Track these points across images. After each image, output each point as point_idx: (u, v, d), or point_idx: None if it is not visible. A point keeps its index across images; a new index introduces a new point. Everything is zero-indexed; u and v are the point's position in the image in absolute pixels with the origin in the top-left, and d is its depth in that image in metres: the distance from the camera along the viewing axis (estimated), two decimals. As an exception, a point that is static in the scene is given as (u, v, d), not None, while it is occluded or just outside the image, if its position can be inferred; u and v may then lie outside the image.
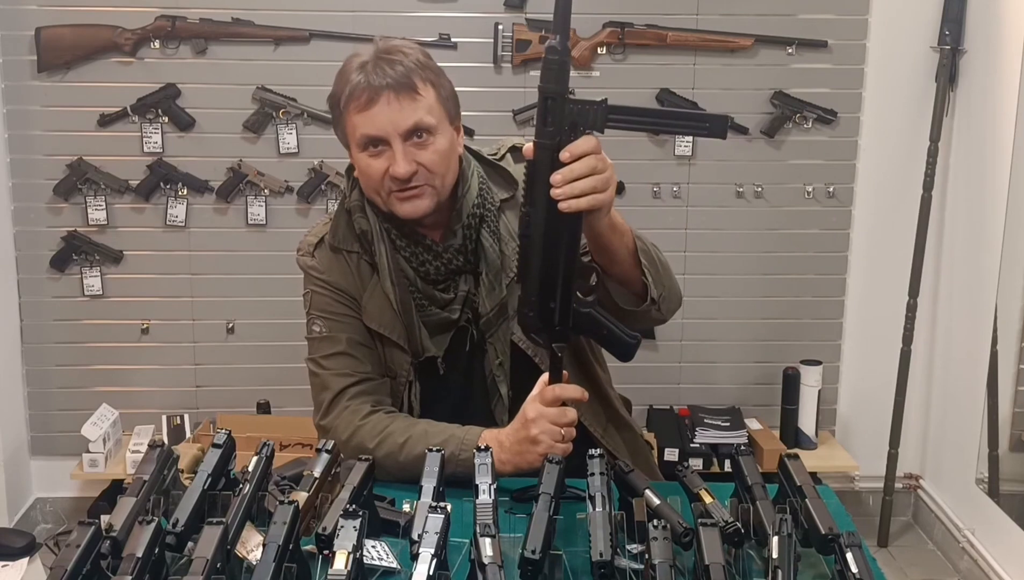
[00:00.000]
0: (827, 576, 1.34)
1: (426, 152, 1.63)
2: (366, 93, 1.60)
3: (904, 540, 3.57)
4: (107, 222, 3.35)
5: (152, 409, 3.44)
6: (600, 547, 1.24)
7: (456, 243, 1.71)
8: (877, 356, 3.52)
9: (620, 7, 3.25)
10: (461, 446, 1.62)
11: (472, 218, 1.71)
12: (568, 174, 1.44)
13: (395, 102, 1.60)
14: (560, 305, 1.52)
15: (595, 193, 1.46)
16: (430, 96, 1.63)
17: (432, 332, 1.75)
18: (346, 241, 1.75)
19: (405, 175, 1.61)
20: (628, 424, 1.89)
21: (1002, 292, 3.07)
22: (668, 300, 1.70)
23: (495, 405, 1.77)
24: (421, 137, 1.62)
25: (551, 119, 1.43)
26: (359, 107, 1.61)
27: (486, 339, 1.75)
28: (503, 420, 1.74)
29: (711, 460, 3.32)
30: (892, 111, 3.39)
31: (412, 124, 1.61)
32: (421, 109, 1.61)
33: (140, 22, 3.23)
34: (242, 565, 1.33)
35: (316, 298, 1.78)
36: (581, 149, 1.44)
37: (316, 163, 3.33)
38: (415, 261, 1.72)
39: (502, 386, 1.76)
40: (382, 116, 1.60)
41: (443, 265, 1.72)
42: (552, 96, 1.42)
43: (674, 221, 3.39)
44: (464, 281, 1.74)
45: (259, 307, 3.42)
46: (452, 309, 1.74)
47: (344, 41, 3.25)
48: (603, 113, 1.44)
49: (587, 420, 1.79)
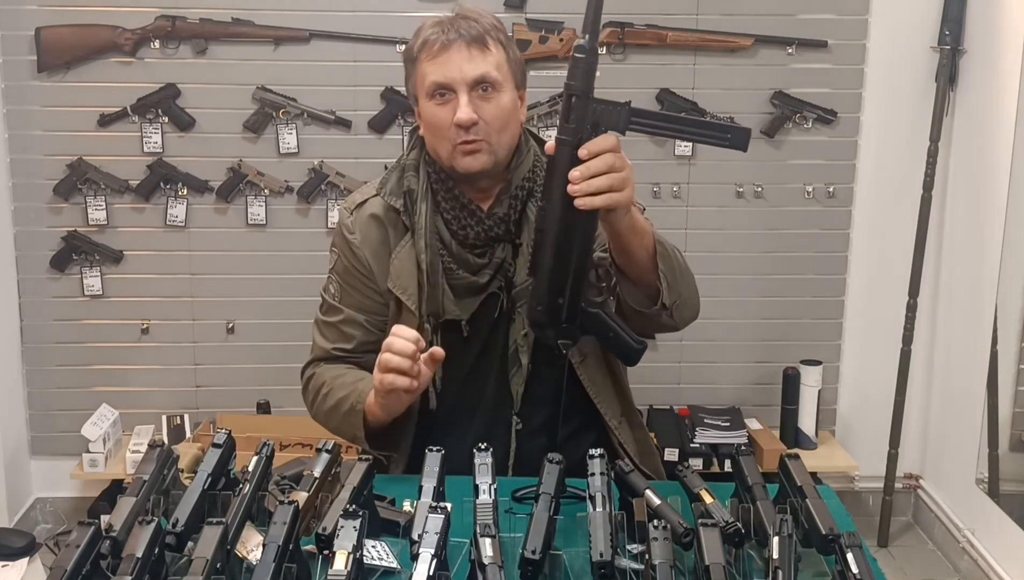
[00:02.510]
0: (827, 576, 1.34)
1: (489, 105, 1.68)
2: (439, 43, 1.67)
3: (904, 540, 3.57)
4: (107, 222, 3.35)
5: (152, 409, 3.44)
6: (600, 547, 1.25)
7: (501, 211, 1.74)
8: (877, 356, 3.51)
9: (620, 7, 3.24)
10: (358, 399, 1.70)
11: (520, 190, 1.74)
12: (586, 171, 1.45)
13: (465, 51, 1.66)
14: (568, 302, 1.53)
15: (612, 192, 1.47)
16: (500, 55, 1.69)
17: (460, 295, 1.77)
18: (392, 196, 1.79)
19: (467, 121, 1.66)
20: (641, 424, 1.91)
21: (1002, 292, 3.07)
22: (682, 308, 1.72)
23: (513, 375, 1.78)
24: (486, 90, 1.67)
25: (574, 116, 1.45)
26: (431, 55, 1.68)
27: (516, 309, 1.76)
28: (518, 392, 1.77)
29: (711, 460, 3.32)
30: (892, 111, 3.39)
31: (479, 74, 1.67)
32: (489, 63, 1.68)
33: (140, 22, 3.22)
34: (242, 565, 1.33)
35: (339, 261, 1.84)
36: (600, 147, 1.46)
37: (316, 163, 3.33)
38: (456, 224, 1.75)
39: (523, 357, 1.77)
40: (452, 63, 1.67)
41: (484, 231, 1.74)
42: (576, 94, 1.44)
43: (674, 221, 3.39)
44: (502, 249, 1.76)
45: (259, 307, 3.42)
46: (483, 274, 1.76)
47: (344, 41, 3.25)
48: (626, 115, 1.46)
49: (603, 408, 1.80)
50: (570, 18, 3.24)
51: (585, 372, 1.78)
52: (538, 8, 3.24)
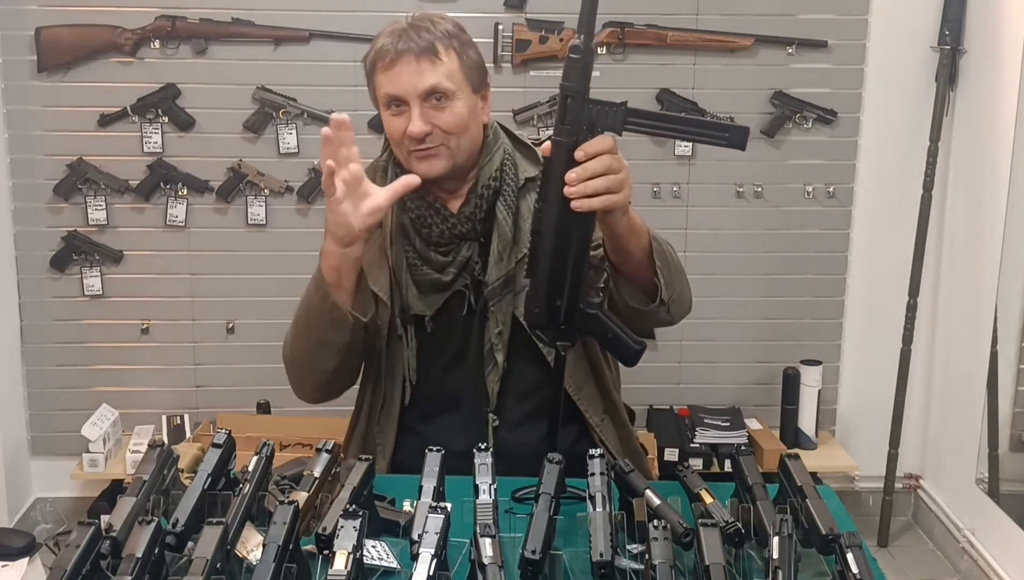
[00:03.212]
0: (827, 576, 1.34)
1: (442, 114, 1.68)
2: (391, 55, 1.68)
3: (904, 540, 3.57)
4: (107, 222, 3.35)
5: (152, 409, 3.44)
6: (600, 547, 1.25)
7: (467, 211, 1.75)
8: (877, 356, 3.52)
9: (620, 7, 3.25)
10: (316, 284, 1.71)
11: (486, 189, 1.74)
12: (582, 173, 1.44)
13: (415, 64, 1.67)
14: (566, 304, 1.53)
15: (609, 193, 1.46)
16: (452, 63, 1.69)
17: (424, 291, 1.79)
18: None
19: (418, 134, 1.68)
20: (626, 423, 1.90)
21: (1002, 292, 3.07)
22: (678, 303, 1.72)
23: (489, 372, 1.79)
24: (439, 100, 1.68)
25: (569, 117, 1.43)
26: (384, 67, 1.69)
27: (488, 308, 1.77)
28: (493, 390, 1.78)
29: (711, 460, 3.32)
30: (892, 111, 3.39)
31: (429, 86, 1.67)
32: (440, 73, 1.68)
33: (140, 22, 3.23)
34: (242, 565, 1.33)
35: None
36: (596, 148, 1.44)
37: (316, 163, 3.33)
38: (419, 222, 1.76)
39: (499, 354, 1.78)
40: (402, 77, 1.67)
41: (448, 229, 1.75)
42: (572, 94, 1.43)
43: (674, 221, 3.39)
44: (467, 247, 1.77)
45: (259, 307, 3.42)
46: (447, 272, 1.77)
47: (344, 41, 3.25)
48: (622, 115, 1.44)
49: (584, 405, 1.81)
50: (570, 18, 3.24)
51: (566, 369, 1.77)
52: (538, 8, 3.24)
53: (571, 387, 1.79)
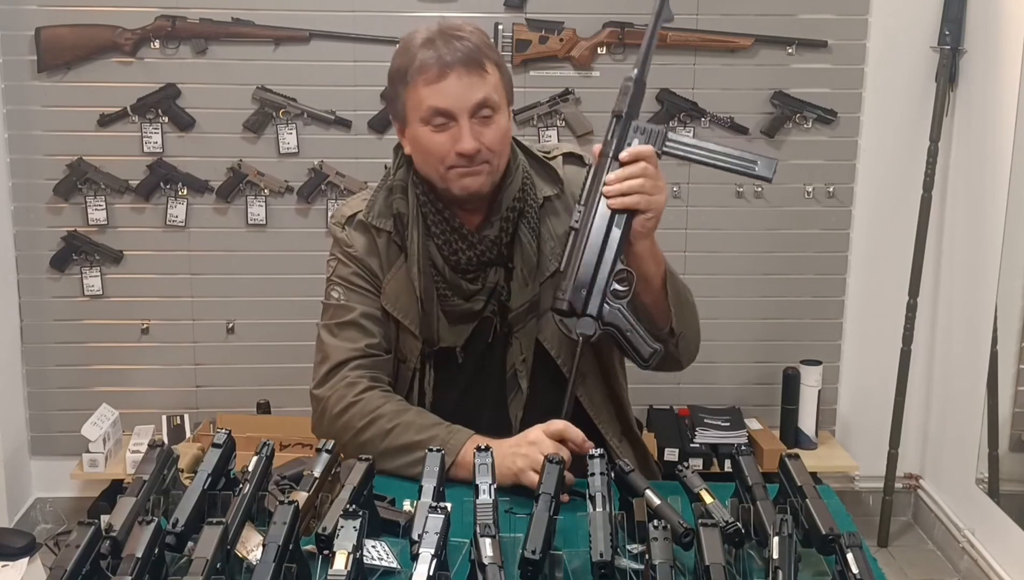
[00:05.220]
0: (827, 576, 1.34)
1: (489, 130, 1.65)
2: (436, 67, 1.61)
3: (904, 540, 3.57)
4: (107, 222, 3.35)
5: (152, 409, 3.44)
6: (600, 547, 1.24)
7: (492, 234, 1.71)
8: (877, 356, 3.51)
9: (620, 7, 3.25)
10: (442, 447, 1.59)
11: (511, 211, 1.71)
12: (621, 173, 1.58)
13: (465, 77, 1.62)
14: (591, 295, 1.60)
15: (643, 193, 1.57)
16: (495, 76, 1.66)
17: (453, 322, 1.75)
18: (380, 218, 1.75)
19: (472, 151, 1.63)
20: (640, 440, 1.90)
21: (1002, 292, 3.07)
22: (687, 340, 1.76)
23: (512, 399, 1.76)
24: (486, 115, 1.64)
25: (615, 135, 1.62)
26: (428, 80, 1.62)
27: (512, 333, 1.74)
28: (517, 416, 1.75)
29: (711, 460, 3.32)
30: (892, 111, 3.39)
31: (480, 99, 1.63)
32: (489, 86, 1.64)
33: (140, 22, 3.22)
34: (242, 565, 1.33)
35: (340, 267, 1.78)
36: (637, 152, 1.59)
37: (316, 163, 3.33)
38: (447, 249, 1.71)
39: (523, 381, 1.75)
40: (452, 90, 1.62)
41: (476, 256, 1.71)
42: (620, 116, 1.63)
43: (674, 221, 3.38)
44: (494, 273, 1.74)
45: (259, 307, 3.42)
46: (476, 300, 1.74)
47: (344, 41, 3.25)
48: (662, 138, 1.62)
49: (604, 428, 1.80)
50: (570, 18, 3.24)
51: (585, 392, 1.77)
52: (538, 8, 3.24)
53: (591, 410, 1.78)
